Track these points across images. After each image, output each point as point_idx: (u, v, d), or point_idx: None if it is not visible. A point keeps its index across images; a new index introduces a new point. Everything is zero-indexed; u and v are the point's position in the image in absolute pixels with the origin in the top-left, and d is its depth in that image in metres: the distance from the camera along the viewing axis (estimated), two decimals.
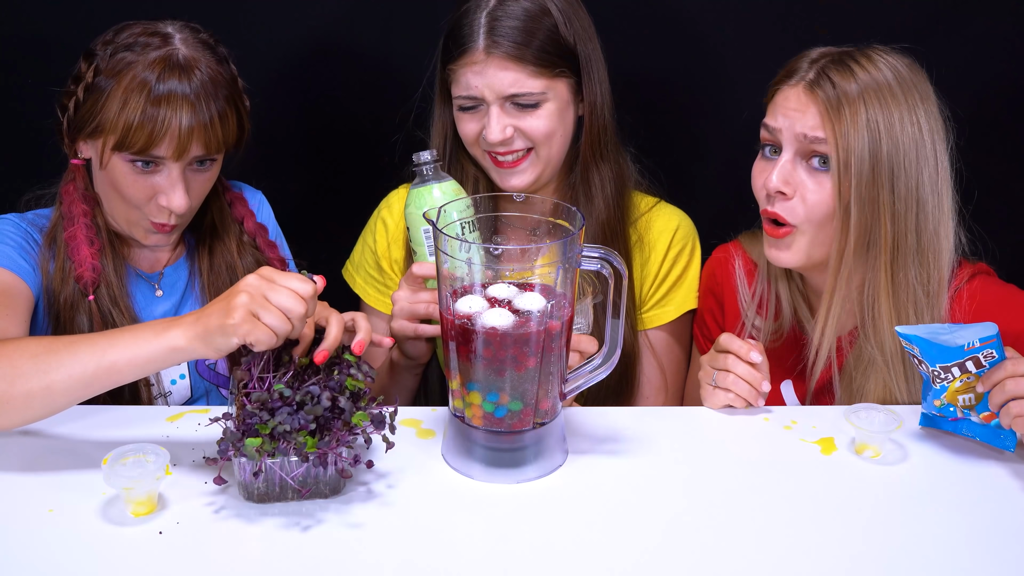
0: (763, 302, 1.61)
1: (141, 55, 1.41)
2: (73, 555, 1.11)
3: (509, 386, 1.22)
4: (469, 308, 1.21)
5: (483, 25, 1.53)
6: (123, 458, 1.17)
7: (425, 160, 1.51)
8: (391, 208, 1.73)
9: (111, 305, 1.48)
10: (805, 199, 1.43)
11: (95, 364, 1.18)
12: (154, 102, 1.38)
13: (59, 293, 1.47)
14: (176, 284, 1.59)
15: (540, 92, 1.55)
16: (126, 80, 1.39)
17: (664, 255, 1.70)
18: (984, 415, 1.31)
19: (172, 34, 1.44)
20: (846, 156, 1.39)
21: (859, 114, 1.39)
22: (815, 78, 1.42)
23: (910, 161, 1.40)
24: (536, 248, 1.26)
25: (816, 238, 1.45)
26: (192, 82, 1.40)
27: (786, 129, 1.44)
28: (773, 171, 1.44)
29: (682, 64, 1.95)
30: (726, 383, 1.42)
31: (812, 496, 1.25)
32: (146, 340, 1.19)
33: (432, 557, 1.13)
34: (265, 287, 1.17)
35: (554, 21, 1.55)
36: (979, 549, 1.17)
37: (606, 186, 1.65)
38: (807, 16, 1.89)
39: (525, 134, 1.57)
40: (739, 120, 1.60)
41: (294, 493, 1.19)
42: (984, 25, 1.87)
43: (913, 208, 1.41)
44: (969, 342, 1.29)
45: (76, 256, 1.47)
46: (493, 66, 1.53)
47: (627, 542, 1.16)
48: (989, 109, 1.89)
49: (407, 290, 1.51)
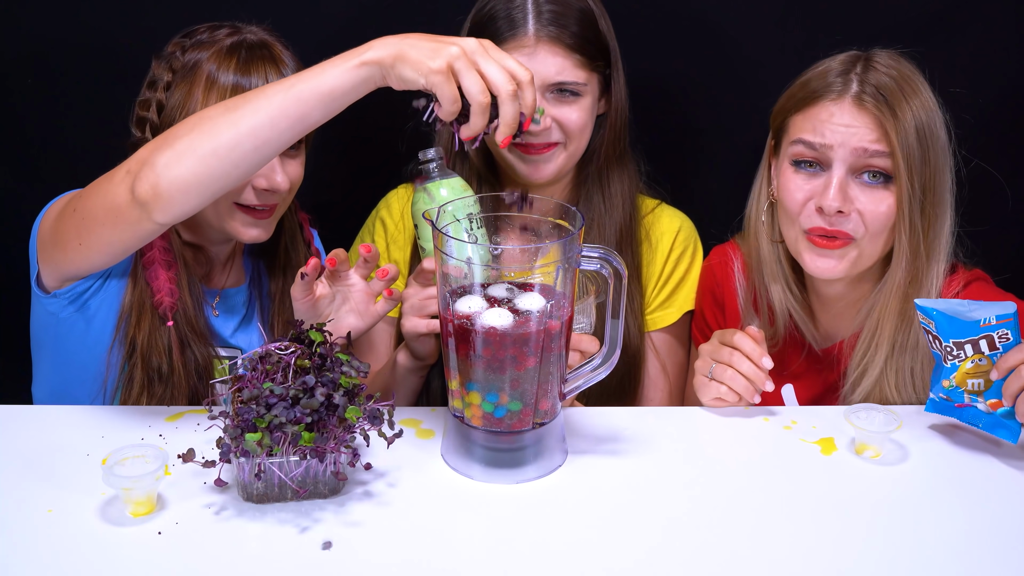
0: (757, 304, 1.61)
1: (216, 43, 1.43)
2: (73, 555, 1.11)
3: (509, 386, 1.22)
4: (469, 308, 1.21)
5: (531, 9, 1.53)
6: (123, 458, 1.17)
7: (431, 157, 1.49)
8: (390, 209, 1.73)
9: (188, 330, 1.47)
10: (863, 213, 1.43)
11: (281, 97, 1.18)
12: (242, 70, 1.40)
13: (137, 315, 1.44)
14: (234, 308, 1.58)
15: (583, 83, 1.55)
16: (206, 69, 1.41)
17: (667, 257, 1.70)
18: (991, 402, 1.31)
19: (241, 27, 1.47)
20: (907, 165, 1.39)
21: (910, 120, 1.39)
22: (861, 88, 1.41)
23: (944, 163, 1.41)
24: (536, 248, 1.26)
25: (867, 250, 1.45)
26: (272, 57, 1.42)
27: (839, 146, 1.42)
28: (828, 190, 1.42)
29: (685, 63, 1.95)
30: (723, 377, 1.41)
31: (812, 496, 1.25)
32: (333, 65, 1.18)
33: (432, 557, 1.13)
34: (479, 53, 1.15)
35: (594, 14, 1.56)
36: (979, 549, 1.17)
37: (624, 185, 1.65)
38: (808, 16, 1.88)
39: (562, 126, 1.56)
40: (743, 119, 1.60)
41: (293, 493, 1.19)
42: (984, 26, 1.87)
43: (940, 212, 1.42)
44: (985, 318, 1.29)
45: (155, 282, 1.45)
46: (543, 51, 1.52)
47: (627, 542, 1.16)
48: (987, 111, 1.88)
49: (417, 287, 1.49)
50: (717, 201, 1.81)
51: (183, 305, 1.47)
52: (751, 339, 1.42)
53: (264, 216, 1.48)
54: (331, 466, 1.18)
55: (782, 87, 1.54)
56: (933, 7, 1.84)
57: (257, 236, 1.50)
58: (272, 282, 1.61)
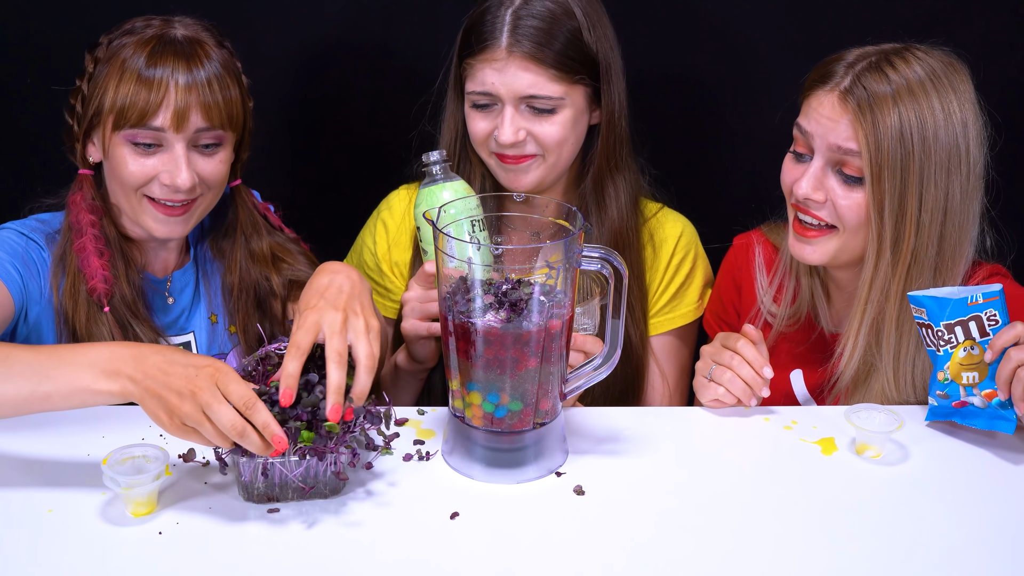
0: (782, 289, 1.61)
1: (139, 35, 1.40)
2: (73, 555, 1.11)
3: (509, 386, 1.22)
4: (470, 308, 1.21)
5: (507, 23, 1.51)
6: (123, 458, 1.17)
7: (435, 160, 1.49)
8: (391, 210, 1.72)
9: (129, 316, 1.45)
10: (836, 205, 1.43)
11: (29, 391, 1.14)
12: (148, 67, 1.36)
13: (73, 308, 1.44)
14: (185, 288, 1.57)
15: (558, 97, 1.53)
16: (121, 58, 1.38)
17: (668, 262, 1.69)
18: (986, 392, 1.33)
19: (172, 20, 1.44)
20: (879, 169, 1.38)
21: (893, 127, 1.37)
22: (850, 86, 1.40)
23: (942, 172, 1.39)
24: (536, 248, 1.26)
25: (846, 243, 1.45)
26: (189, 52, 1.39)
27: (818, 137, 1.43)
28: (803, 177, 1.44)
29: (695, 62, 1.96)
30: (722, 379, 1.42)
31: (813, 496, 1.25)
32: (84, 379, 1.14)
33: (432, 557, 1.13)
34: (205, 401, 1.11)
35: (578, 25, 1.53)
36: (979, 549, 1.17)
37: (620, 196, 1.63)
38: (826, 10, 1.88)
39: (537, 140, 1.55)
40: (760, 116, 1.58)
41: (295, 492, 1.19)
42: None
43: (939, 219, 1.41)
44: (972, 296, 1.32)
45: (87, 268, 1.44)
46: (514, 65, 1.51)
47: (627, 542, 1.16)
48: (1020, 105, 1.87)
49: (418, 289, 1.49)
50: (735, 199, 1.81)
51: (119, 290, 1.45)
52: (753, 345, 1.43)
53: (177, 213, 1.44)
54: (332, 466, 1.18)
55: (787, 83, 1.54)
56: None
57: (169, 233, 1.46)
58: (207, 259, 1.58)
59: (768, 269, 1.63)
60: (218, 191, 1.49)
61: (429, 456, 1.30)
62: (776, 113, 1.56)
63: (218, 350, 1.57)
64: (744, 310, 1.65)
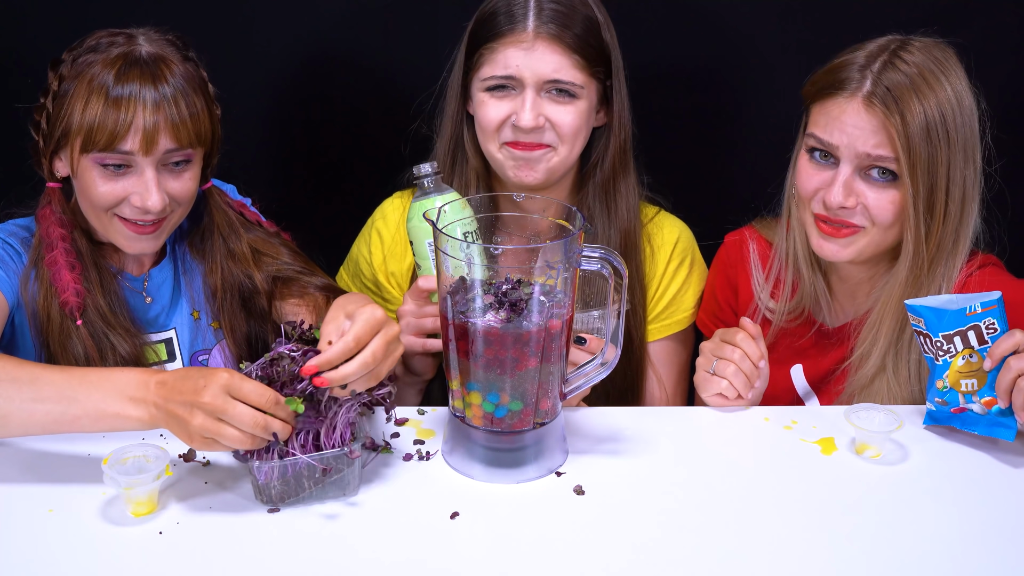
0: (779, 285, 1.61)
1: (104, 53, 1.38)
2: (73, 555, 1.11)
3: (509, 386, 1.22)
4: (469, 308, 1.21)
5: (533, 6, 1.53)
6: (123, 458, 1.17)
7: (426, 172, 1.47)
8: (386, 219, 1.70)
9: (104, 327, 1.44)
10: (869, 207, 1.43)
11: (60, 412, 1.17)
12: (116, 89, 1.35)
13: (47, 318, 1.43)
14: (164, 284, 1.56)
15: (579, 85, 1.54)
16: (87, 78, 1.37)
17: (665, 267, 1.69)
18: (985, 400, 1.32)
19: (136, 35, 1.42)
20: (912, 166, 1.38)
21: (919, 120, 1.38)
22: (872, 89, 1.40)
23: (963, 155, 1.40)
24: (536, 248, 1.26)
25: (876, 239, 1.46)
26: (155, 72, 1.37)
27: (845, 147, 1.42)
28: (834, 187, 1.43)
29: (695, 62, 1.96)
30: (726, 372, 1.42)
31: (813, 496, 1.25)
32: (113, 405, 1.16)
33: (432, 557, 1.13)
34: (218, 408, 1.13)
35: (597, 20, 1.56)
36: (979, 549, 1.17)
37: (629, 197, 1.64)
38: (826, 10, 1.88)
39: (555, 127, 1.55)
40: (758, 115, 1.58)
41: (311, 484, 1.19)
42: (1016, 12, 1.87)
43: (958, 206, 1.42)
44: (971, 306, 1.31)
45: (59, 282, 1.42)
46: (541, 47, 1.51)
47: (627, 542, 1.16)
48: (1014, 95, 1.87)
49: (413, 304, 1.48)
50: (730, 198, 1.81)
51: (93, 301, 1.44)
52: (752, 340, 1.43)
53: (148, 231, 1.44)
54: (338, 441, 1.19)
55: (787, 83, 1.54)
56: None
57: (142, 249, 1.46)
58: (184, 256, 1.57)
59: (763, 265, 1.63)
60: (188, 205, 1.48)
61: (429, 456, 1.30)
62: (774, 112, 1.57)
63: (201, 346, 1.57)
64: (741, 308, 1.65)
